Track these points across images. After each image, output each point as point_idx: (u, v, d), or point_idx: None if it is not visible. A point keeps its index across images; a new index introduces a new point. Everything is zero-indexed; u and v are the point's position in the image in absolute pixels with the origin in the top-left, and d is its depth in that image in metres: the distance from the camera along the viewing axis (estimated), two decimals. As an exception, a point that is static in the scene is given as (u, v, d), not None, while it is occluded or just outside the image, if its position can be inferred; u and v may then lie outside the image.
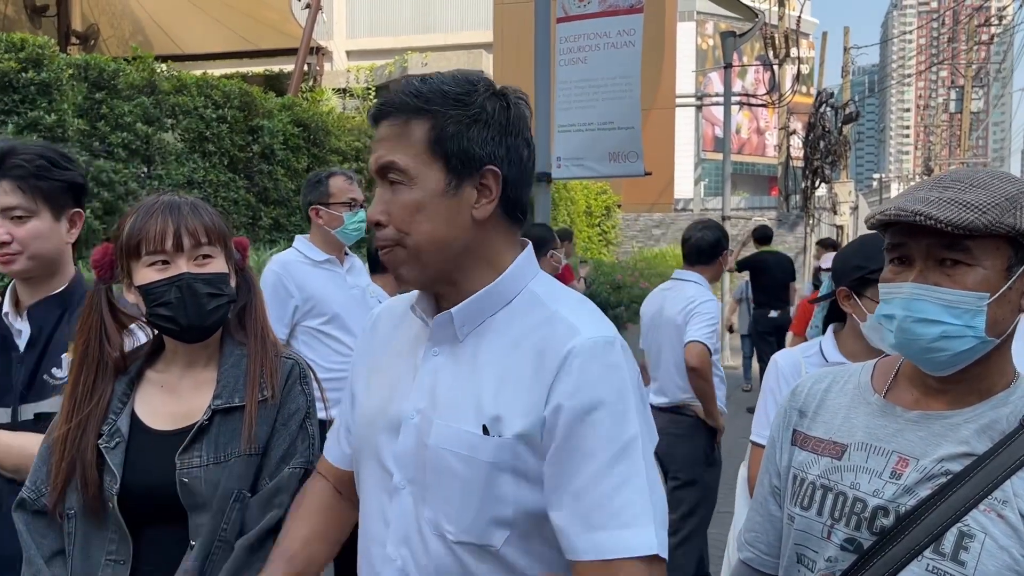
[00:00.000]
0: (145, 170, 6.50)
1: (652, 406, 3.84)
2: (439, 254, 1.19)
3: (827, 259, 5.62)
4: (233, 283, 1.61)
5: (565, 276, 7.67)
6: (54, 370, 1.81)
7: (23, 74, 5.51)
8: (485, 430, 1.15)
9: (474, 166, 1.18)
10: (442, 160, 1.17)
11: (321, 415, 1.66)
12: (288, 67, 17.18)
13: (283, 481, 1.51)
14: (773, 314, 8.94)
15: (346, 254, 3.39)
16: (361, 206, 3.29)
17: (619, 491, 1.10)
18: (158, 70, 6.72)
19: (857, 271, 2.02)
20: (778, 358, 2.19)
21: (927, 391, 1.22)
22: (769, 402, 2.16)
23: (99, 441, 1.51)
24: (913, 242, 1.16)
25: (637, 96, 5.51)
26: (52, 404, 1.77)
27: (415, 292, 1.31)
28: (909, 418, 1.22)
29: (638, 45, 5.40)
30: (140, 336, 1.75)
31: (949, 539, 1.12)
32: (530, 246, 1.28)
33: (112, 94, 6.23)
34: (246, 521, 1.48)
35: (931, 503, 1.14)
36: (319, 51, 17.12)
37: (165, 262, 1.51)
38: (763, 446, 1.45)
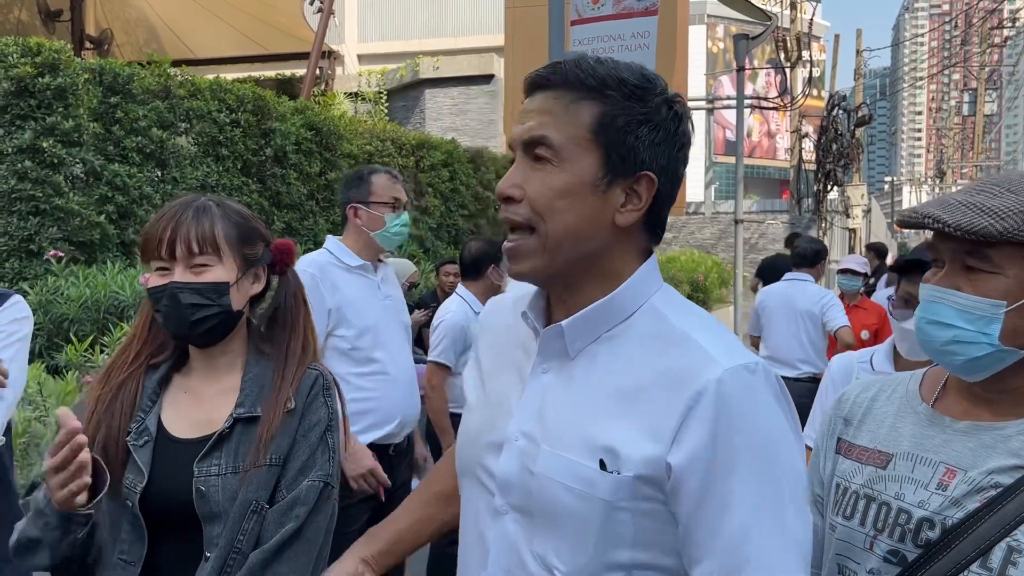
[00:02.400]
0: (159, 174, 6.52)
1: (793, 379, 4.95)
2: (572, 251, 1.08)
3: (846, 260, 5.85)
4: (259, 288, 1.60)
5: None
6: None
7: (39, 79, 5.54)
8: (603, 465, 1.04)
9: (632, 167, 1.08)
10: (602, 150, 1.07)
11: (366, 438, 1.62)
12: (300, 71, 17.23)
13: (301, 493, 1.49)
14: None
15: (380, 261, 3.10)
16: (405, 208, 3.03)
17: (766, 545, 0.99)
18: (172, 74, 6.73)
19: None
20: (833, 362, 2.23)
21: (975, 401, 1.19)
22: (817, 406, 2.17)
23: (127, 438, 1.50)
24: (942, 244, 1.14)
25: (652, 99, 5.46)
26: None
27: (525, 293, 1.20)
28: (958, 428, 1.18)
29: (652, 47, 5.37)
30: None
31: (997, 554, 1.08)
32: (654, 257, 1.16)
33: (127, 98, 6.26)
34: (262, 533, 1.47)
35: (979, 516, 1.10)
36: (331, 55, 17.18)
37: (166, 268, 1.51)
38: (811, 448, 1.42)
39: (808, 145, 20.40)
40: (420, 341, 5.83)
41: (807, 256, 5.34)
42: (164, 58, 6.89)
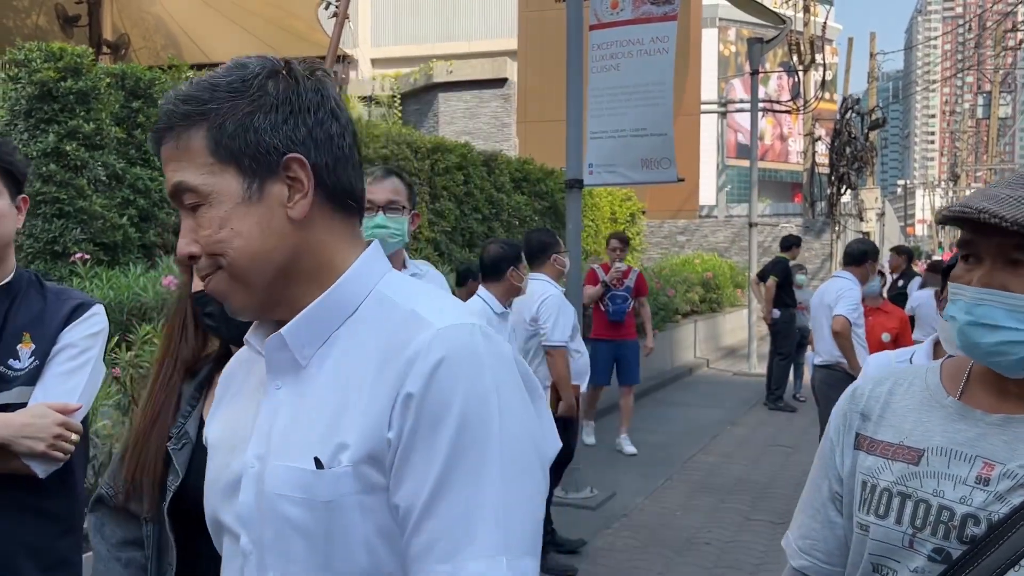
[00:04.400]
0: (179, 177, 6.59)
1: (814, 365, 5.61)
2: (262, 270, 1.01)
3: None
4: None
5: (641, 287, 7.53)
6: (11, 361, 1.77)
7: (62, 83, 5.60)
8: (318, 463, 0.95)
9: (272, 159, 1.00)
10: (233, 163, 0.99)
11: None
12: (314, 75, 17.31)
13: None
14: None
15: (405, 265, 2.95)
16: (381, 209, 2.86)
17: (469, 515, 0.91)
18: (190, 77, 6.80)
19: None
20: (870, 360, 2.21)
21: (1005, 395, 1.17)
22: None
23: (168, 443, 1.53)
24: (983, 240, 1.11)
25: (670, 103, 5.51)
26: (17, 395, 1.74)
27: (261, 326, 1.12)
28: (991, 421, 1.16)
29: (671, 52, 5.40)
30: None
31: None
32: (375, 244, 1.09)
33: (148, 103, 6.32)
34: None
35: None
36: (345, 59, 17.25)
37: None
38: None
39: (821, 148, 20.36)
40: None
41: (852, 255, 5.55)
42: (183, 63, 6.95)
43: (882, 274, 6.01)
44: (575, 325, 4.85)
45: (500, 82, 17.46)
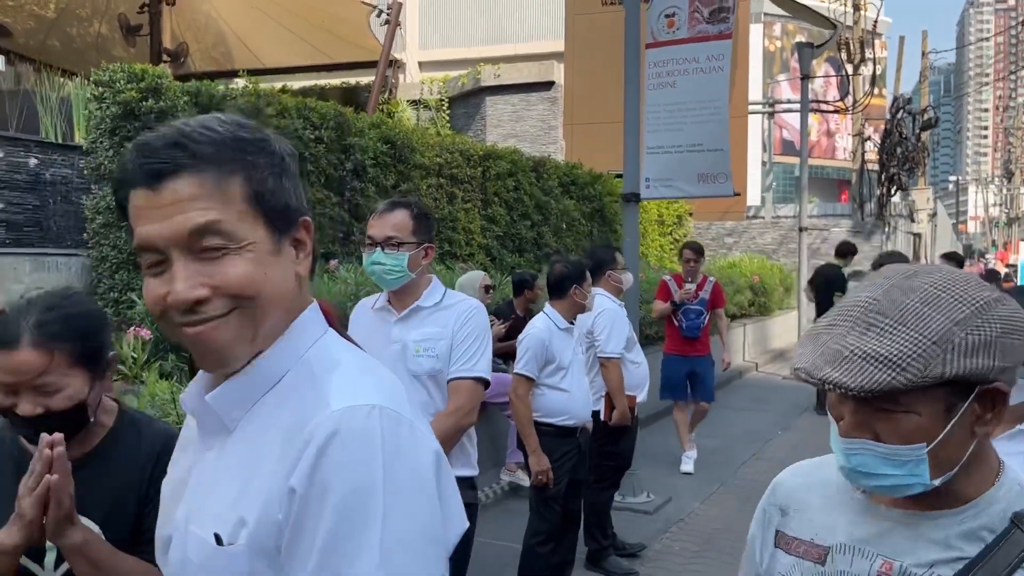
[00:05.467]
0: (249, 189, 6.88)
1: None
2: (274, 318, 1.02)
3: None
4: None
5: (717, 299, 6.88)
6: None
7: (143, 103, 5.92)
8: (218, 539, 0.97)
9: (292, 219, 1.04)
10: (262, 216, 1.01)
11: None
12: (363, 79, 17.65)
13: None
14: None
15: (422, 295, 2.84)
16: (379, 246, 2.76)
17: None
18: (261, 94, 7.08)
19: None
20: None
21: None
22: None
23: None
24: (838, 399, 1.10)
25: (726, 119, 5.63)
26: None
27: (200, 382, 1.10)
28: (892, 517, 1.15)
29: (727, 70, 5.52)
30: None
31: None
32: (314, 305, 1.10)
33: (220, 119, 6.62)
34: None
35: None
36: (394, 63, 17.53)
37: None
38: None
39: (870, 147, 20.13)
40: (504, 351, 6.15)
41: (876, 267, 5.64)
42: (254, 81, 7.24)
43: None
44: (630, 337, 5.02)
45: (547, 85, 17.60)
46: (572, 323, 4.21)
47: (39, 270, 6.03)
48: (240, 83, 7.44)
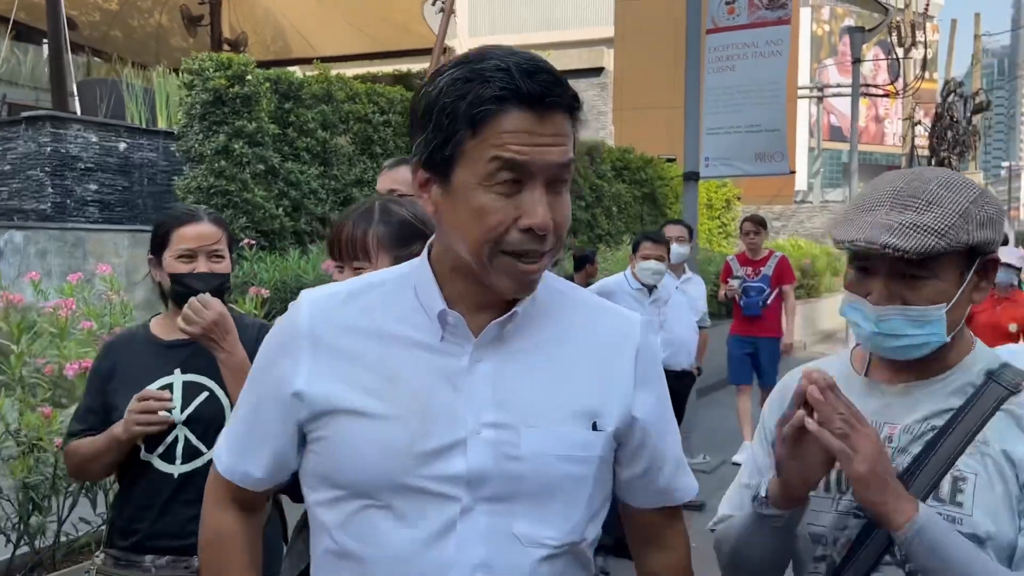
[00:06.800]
0: (323, 171, 7.28)
1: None
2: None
3: (1004, 253, 5.51)
4: None
5: (784, 274, 6.52)
6: None
7: (230, 89, 6.33)
8: (595, 426, 1.15)
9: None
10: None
11: None
12: (415, 66, 17.95)
13: None
14: None
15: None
16: None
17: (678, 448, 1.30)
18: (333, 80, 7.46)
19: None
20: (1003, 352, 2.07)
21: (903, 366, 1.33)
22: None
23: None
24: (879, 261, 1.25)
25: (783, 101, 5.86)
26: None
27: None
28: (893, 392, 1.33)
29: (785, 54, 5.75)
30: None
31: (945, 486, 1.23)
32: None
33: (298, 103, 7.02)
34: None
35: (923, 457, 1.26)
36: (446, 51, 17.82)
37: (359, 267, 1.63)
38: None
39: (920, 131, 19.96)
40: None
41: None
42: (324, 67, 7.62)
43: (1010, 267, 5.39)
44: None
45: (597, 71, 17.79)
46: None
47: (135, 245, 6.49)
48: (297, 72, 7.77)
